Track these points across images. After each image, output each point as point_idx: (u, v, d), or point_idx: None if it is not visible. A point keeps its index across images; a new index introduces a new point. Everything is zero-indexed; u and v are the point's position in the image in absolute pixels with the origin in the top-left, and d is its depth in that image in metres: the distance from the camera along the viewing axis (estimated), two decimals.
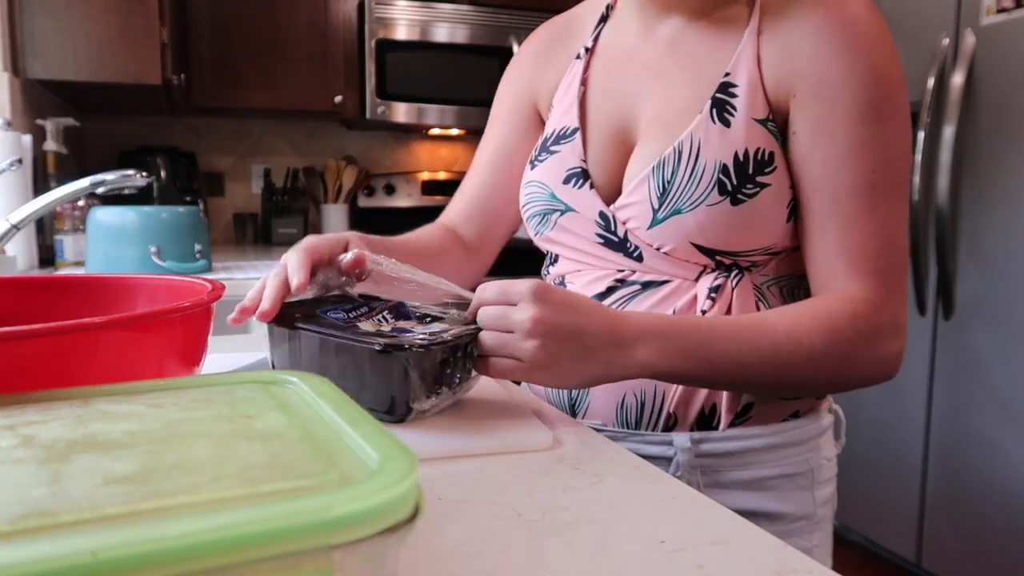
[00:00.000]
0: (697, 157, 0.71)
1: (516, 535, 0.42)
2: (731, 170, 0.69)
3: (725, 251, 0.71)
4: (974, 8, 1.97)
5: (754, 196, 0.69)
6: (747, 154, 0.69)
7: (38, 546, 0.19)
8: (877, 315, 0.67)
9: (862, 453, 2.36)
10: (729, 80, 0.72)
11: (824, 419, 0.80)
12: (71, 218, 1.94)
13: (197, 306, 0.45)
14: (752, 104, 0.70)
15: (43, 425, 0.29)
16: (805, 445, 0.76)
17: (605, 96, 0.81)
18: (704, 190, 0.70)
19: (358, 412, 0.30)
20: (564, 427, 0.62)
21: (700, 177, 0.70)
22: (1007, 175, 1.91)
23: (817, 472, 0.77)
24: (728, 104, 0.71)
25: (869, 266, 0.68)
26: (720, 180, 0.69)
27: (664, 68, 0.77)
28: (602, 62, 0.83)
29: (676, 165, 0.71)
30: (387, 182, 3.31)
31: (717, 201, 0.70)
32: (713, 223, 0.70)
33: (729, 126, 0.70)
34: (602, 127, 0.80)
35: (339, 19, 3.01)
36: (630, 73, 0.80)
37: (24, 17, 2.06)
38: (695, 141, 0.71)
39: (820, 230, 0.70)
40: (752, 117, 0.70)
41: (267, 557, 0.21)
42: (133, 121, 3.06)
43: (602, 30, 0.85)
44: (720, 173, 0.70)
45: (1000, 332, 1.94)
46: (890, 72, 0.69)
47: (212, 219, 3.15)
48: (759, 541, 0.42)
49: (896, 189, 0.69)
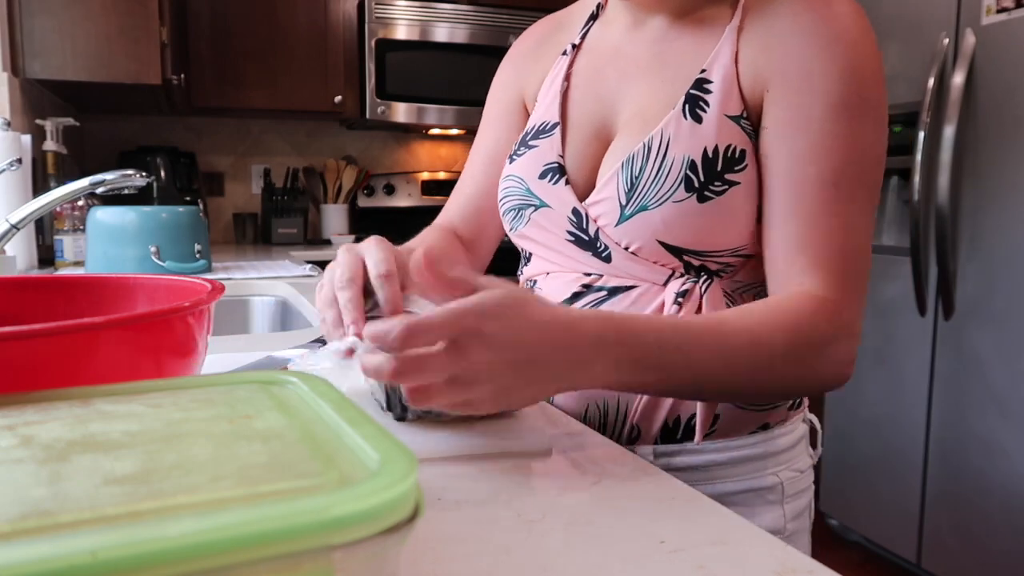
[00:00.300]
0: (665, 153, 0.70)
1: (516, 535, 0.42)
2: (699, 166, 0.68)
3: (692, 250, 0.70)
4: (974, 8, 1.97)
5: (722, 194, 0.68)
6: (717, 151, 0.68)
7: (38, 546, 0.19)
8: (836, 316, 0.65)
9: (862, 453, 2.36)
10: (705, 76, 0.71)
11: (797, 430, 0.77)
12: (71, 218, 1.94)
13: (197, 306, 0.45)
14: (726, 101, 0.70)
15: (43, 425, 0.29)
16: (775, 458, 0.74)
17: (587, 92, 0.81)
18: (671, 186, 0.69)
19: (358, 412, 0.30)
20: (564, 427, 0.62)
21: (667, 173, 0.69)
22: (1007, 175, 1.91)
23: (788, 486, 0.74)
24: (701, 100, 0.70)
25: (830, 265, 0.66)
26: (687, 176, 0.69)
27: (646, 66, 0.77)
28: (587, 59, 0.83)
29: (644, 161, 0.71)
30: (387, 182, 3.31)
31: (683, 198, 0.69)
32: (679, 220, 0.69)
33: (701, 122, 0.70)
34: (582, 123, 0.79)
35: (339, 19, 3.01)
36: (613, 70, 0.79)
37: (24, 17, 2.06)
38: (665, 137, 0.70)
39: (781, 224, 0.68)
40: (725, 114, 0.69)
41: (267, 557, 0.21)
42: (133, 121, 3.06)
43: (591, 28, 0.86)
44: (687, 169, 0.69)
45: (1000, 332, 1.94)
46: (868, 72, 0.67)
47: (212, 219, 3.15)
48: (759, 541, 0.42)
49: (864, 190, 0.67)
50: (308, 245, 3.06)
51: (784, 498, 0.74)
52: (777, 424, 0.75)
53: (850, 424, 2.41)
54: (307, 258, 2.52)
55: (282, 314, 1.53)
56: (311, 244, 3.11)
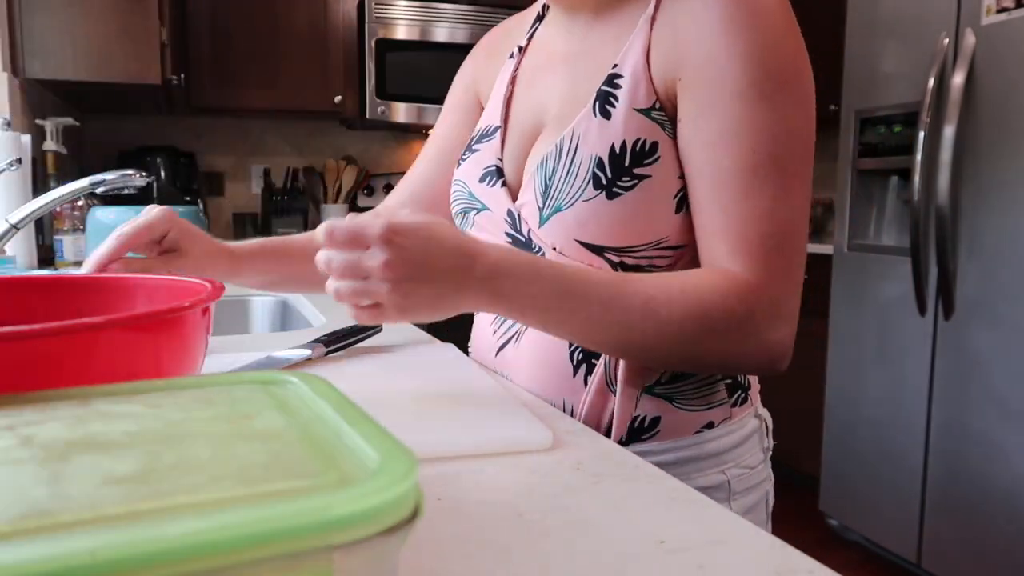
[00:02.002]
0: (575, 152, 0.70)
1: (516, 535, 0.42)
2: (606, 164, 0.68)
3: (611, 247, 0.69)
4: (974, 8, 1.97)
5: (632, 188, 0.67)
6: (624, 146, 0.68)
7: (37, 546, 0.19)
8: (754, 297, 0.63)
9: (862, 453, 2.36)
10: (616, 71, 0.70)
11: (745, 427, 0.76)
12: (71, 218, 1.94)
13: (197, 306, 0.45)
14: (634, 94, 0.68)
15: (42, 425, 0.29)
16: (720, 457, 0.73)
17: (526, 94, 0.81)
18: (580, 186, 0.69)
19: (358, 412, 0.30)
20: (564, 427, 0.62)
21: (576, 173, 0.69)
22: (1007, 175, 1.91)
23: (735, 483, 0.74)
24: (611, 96, 0.70)
25: (751, 249, 0.64)
26: (595, 174, 0.68)
27: (571, 62, 0.77)
28: (530, 60, 0.84)
29: (557, 161, 0.71)
30: (387, 182, 3.31)
31: (592, 196, 0.68)
32: (591, 218, 0.69)
33: (610, 118, 0.69)
34: (519, 125, 0.80)
35: (339, 19, 3.01)
36: (547, 70, 0.80)
37: (24, 16, 2.06)
38: (575, 136, 0.70)
39: (704, 214, 0.67)
40: (633, 107, 0.68)
41: (266, 557, 0.21)
42: (133, 121, 3.06)
43: (537, 29, 0.86)
44: (595, 167, 0.68)
45: (1000, 332, 1.94)
46: (780, 48, 0.65)
47: (212, 219, 3.15)
48: (759, 541, 0.42)
49: (784, 170, 0.64)
50: None
51: (731, 496, 0.73)
52: (722, 422, 0.74)
53: (850, 424, 2.41)
54: None
55: (282, 314, 1.53)
56: None
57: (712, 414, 0.73)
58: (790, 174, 0.65)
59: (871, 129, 2.31)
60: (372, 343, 0.90)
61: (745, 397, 0.77)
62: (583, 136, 0.70)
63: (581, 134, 0.70)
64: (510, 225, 0.77)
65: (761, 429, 0.79)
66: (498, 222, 0.78)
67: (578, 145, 0.70)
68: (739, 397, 0.76)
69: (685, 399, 0.72)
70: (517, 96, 0.83)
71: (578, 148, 0.70)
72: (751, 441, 0.77)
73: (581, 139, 0.70)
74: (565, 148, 0.71)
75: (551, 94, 0.78)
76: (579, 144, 0.70)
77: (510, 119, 0.82)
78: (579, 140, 0.70)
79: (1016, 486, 1.91)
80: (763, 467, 0.78)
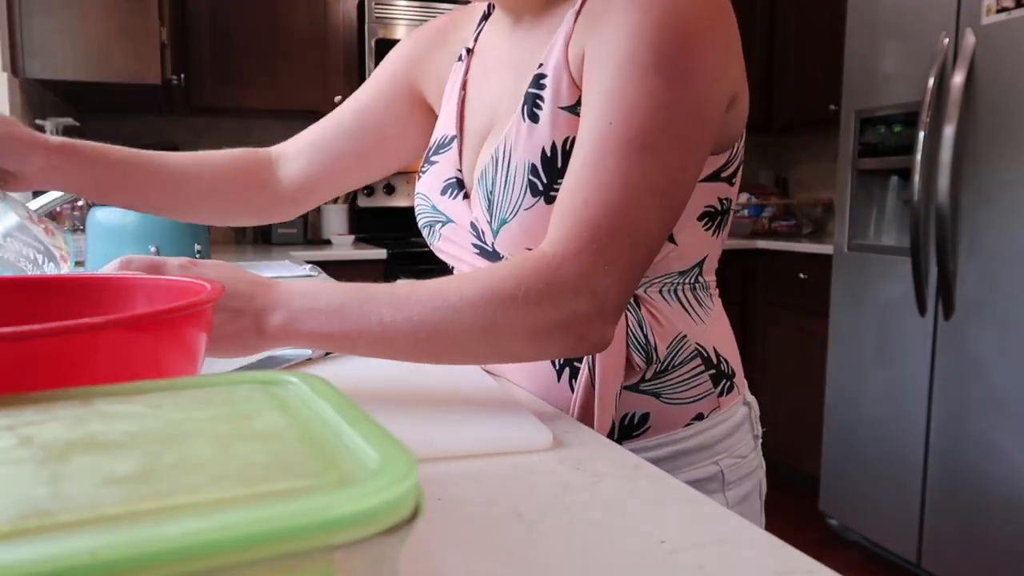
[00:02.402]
0: (509, 162, 0.68)
1: (516, 535, 0.42)
2: (540, 169, 0.66)
3: None
4: (974, 8, 1.97)
5: None
6: (555, 148, 0.66)
7: (37, 546, 0.19)
8: (555, 269, 0.58)
9: (862, 453, 2.36)
10: (541, 71, 0.69)
11: (734, 415, 0.76)
12: (71, 218, 1.94)
13: (197, 306, 0.45)
14: (557, 92, 0.67)
15: (42, 425, 0.29)
16: (712, 448, 0.73)
17: (478, 100, 0.79)
18: (518, 195, 0.68)
19: (358, 412, 0.30)
20: (564, 427, 0.62)
21: (513, 182, 0.68)
22: (1007, 175, 1.91)
23: (729, 473, 0.73)
24: (538, 98, 0.68)
25: (568, 220, 0.60)
26: (531, 181, 0.67)
27: (514, 68, 0.75)
28: (479, 63, 0.81)
29: (495, 174, 0.70)
30: (387, 182, 3.31)
31: (532, 204, 0.67)
32: (536, 226, 0.66)
33: (537, 121, 0.68)
34: (475, 133, 0.78)
35: (339, 19, 3.01)
36: (494, 75, 0.78)
37: (24, 17, 2.06)
38: (507, 145, 0.69)
39: None
40: (558, 106, 0.66)
41: (267, 557, 0.21)
42: (133, 121, 3.06)
43: (483, 29, 0.83)
44: (530, 174, 0.67)
45: (1000, 332, 1.94)
46: (672, 26, 0.61)
47: None
48: (759, 541, 0.42)
49: (637, 145, 0.60)
50: (308, 245, 3.06)
51: (725, 485, 0.73)
52: (711, 413, 0.74)
53: (850, 424, 2.41)
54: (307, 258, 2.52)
55: None
56: (311, 244, 3.11)
57: (700, 406, 0.73)
58: (645, 147, 0.60)
59: (871, 129, 2.31)
60: None
61: (731, 386, 0.76)
62: (514, 144, 0.68)
63: (512, 142, 0.69)
64: (475, 236, 0.76)
65: (750, 416, 0.79)
66: (463, 234, 0.77)
67: (511, 154, 0.68)
68: (725, 386, 0.75)
69: (670, 393, 0.72)
70: (469, 102, 0.80)
71: (511, 157, 0.68)
72: (742, 430, 0.77)
73: (512, 147, 0.68)
74: (500, 158, 0.69)
75: (499, 100, 0.76)
76: (511, 153, 0.68)
77: (465, 127, 0.79)
78: (511, 148, 0.69)
79: (1016, 486, 1.91)
80: (754, 455, 0.78)
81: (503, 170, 0.69)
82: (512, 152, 0.68)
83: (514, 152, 0.68)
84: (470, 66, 0.82)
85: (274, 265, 1.98)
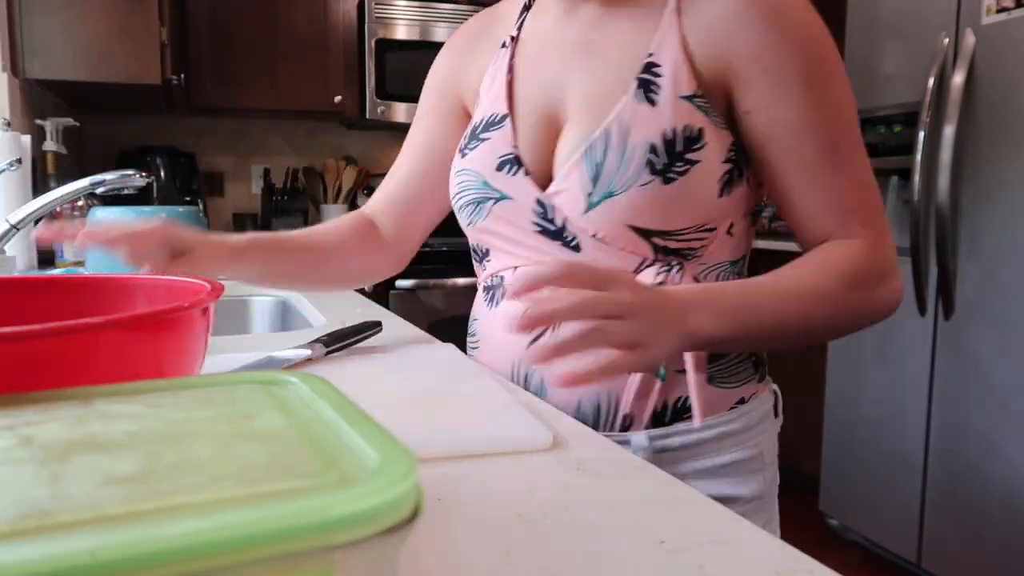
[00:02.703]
0: (627, 138, 0.71)
1: (516, 535, 0.42)
2: (660, 149, 0.70)
3: (660, 231, 0.72)
4: (974, 8, 1.97)
5: (685, 173, 0.70)
6: (675, 132, 0.70)
7: (37, 546, 0.19)
8: (878, 255, 0.72)
9: (862, 453, 2.36)
10: (653, 60, 0.72)
11: (767, 401, 0.81)
12: (71, 218, 1.94)
13: (197, 306, 0.45)
14: (677, 82, 0.71)
15: (42, 425, 0.29)
16: (754, 429, 0.78)
17: (532, 82, 0.81)
18: (636, 171, 0.71)
19: (358, 412, 0.30)
20: (564, 427, 0.62)
21: (631, 158, 0.71)
22: (1007, 175, 1.91)
23: (767, 454, 0.79)
24: (653, 84, 0.72)
25: (858, 217, 0.72)
26: (650, 160, 0.70)
27: (588, 51, 0.78)
28: (527, 49, 0.84)
29: (606, 148, 0.72)
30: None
31: (648, 181, 0.70)
32: (647, 203, 0.71)
33: (655, 105, 0.71)
34: (530, 113, 0.80)
35: (339, 19, 3.01)
36: (555, 58, 0.80)
37: (24, 17, 2.06)
38: (623, 122, 0.72)
39: (801, 198, 0.73)
40: (678, 95, 0.71)
41: (267, 557, 0.21)
42: (133, 121, 3.06)
43: (525, 19, 0.86)
44: (650, 153, 0.70)
45: (1000, 332, 1.94)
46: (819, 34, 0.72)
47: (212, 219, 3.15)
48: (759, 541, 0.42)
49: (856, 141, 0.73)
50: None
51: (764, 465, 0.79)
52: (751, 398, 0.79)
53: (850, 424, 2.41)
54: None
55: (282, 314, 1.53)
56: None
57: (744, 390, 0.78)
58: (858, 143, 0.73)
59: (871, 129, 2.31)
60: (372, 343, 0.90)
61: (765, 373, 0.82)
62: (632, 122, 0.71)
63: (629, 120, 0.71)
64: (539, 215, 0.76)
65: (776, 404, 0.83)
66: (523, 211, 0.78)
67: (628, 131, 0.71)
68: (761, 373, 0.81)
69: (721, 378, 0.77)
70: (518, 85, 0.82)
71: (629, 134, 0.71)
72: (772, 414, 0.82)
73: (631, 125, 0.71)
74: (615, 134, 0.72)
75: (565, 81, 0.78)
76: (629, 130, 0.71)
77: (515, 107, 0.81)
78: (628, 126, 0.71)
79: (1016, 486, 1.91)
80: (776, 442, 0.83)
81: (619, 145, 0.72)
82: (630, 130, 0.71)
83: (632, 130, 0.71)
84: (515, 52, 0.85)
85: None
